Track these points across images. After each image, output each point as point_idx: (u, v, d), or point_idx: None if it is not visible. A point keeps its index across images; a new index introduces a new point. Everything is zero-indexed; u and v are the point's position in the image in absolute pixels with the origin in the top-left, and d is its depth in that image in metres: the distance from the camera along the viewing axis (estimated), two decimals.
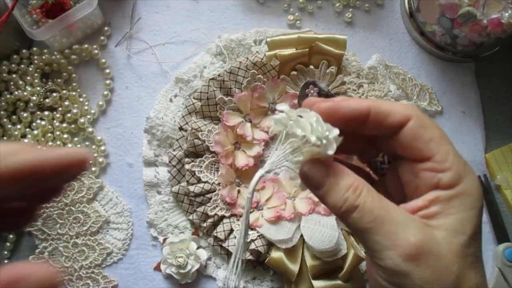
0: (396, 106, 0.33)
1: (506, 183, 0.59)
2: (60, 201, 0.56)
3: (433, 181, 0.32)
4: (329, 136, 0.30)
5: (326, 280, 0.53)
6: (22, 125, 0.58)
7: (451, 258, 0.30)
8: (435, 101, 0.61)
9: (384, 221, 0.30)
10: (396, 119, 0.33)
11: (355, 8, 0.64)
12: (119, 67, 0.62)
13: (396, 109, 0.33)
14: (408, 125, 0.33)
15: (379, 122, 0.33)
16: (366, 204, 0.31)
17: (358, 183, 0.32)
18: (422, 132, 0.32)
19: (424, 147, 0.33)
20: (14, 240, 0.57)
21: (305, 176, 0.33)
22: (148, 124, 0.58)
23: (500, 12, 0.52)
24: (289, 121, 0.32)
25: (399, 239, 0.30)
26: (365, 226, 0.31)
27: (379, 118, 0.33)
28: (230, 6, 0.63)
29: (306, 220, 0.54)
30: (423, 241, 0.30)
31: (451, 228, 0.31)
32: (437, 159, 0.32)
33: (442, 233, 0.31)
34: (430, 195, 0.32)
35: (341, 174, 0.32)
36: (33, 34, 0.55)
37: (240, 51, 0.61)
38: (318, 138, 0.30)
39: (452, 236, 0.31)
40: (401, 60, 0.63)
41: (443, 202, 0.32)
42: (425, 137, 0.32)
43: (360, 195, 0.31)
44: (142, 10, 0.63)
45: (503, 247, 0.57)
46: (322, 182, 0.32)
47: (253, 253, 0.54)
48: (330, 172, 0.32)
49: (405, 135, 0.33)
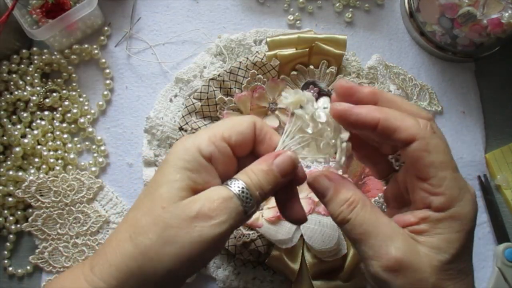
0: (405, 123, 0.35)
1: (506, 183, 0.59)
2: (60, 201, 0.56)
3: (426, 201, 0.35)
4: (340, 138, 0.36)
5: (326, 280, 0.53)
6: (22, 125, 0.59)
7: (429, 271, 0.33)
8: (435, 101, 0.61)
9: (371, 235, 0.35)
10: (401, 138, 0.35)
11: (355, 8, 0.64)
12: (119, 67, 0.62)
13: (404, 126, 0.34)
14: (411, 146, 0.34)
15: (386, 136, 0.35)
16: (357, 218, 0.35)
17: (354, 198, 0.36)
18: (424, 156, 0.34)
19: (422, 170, 0.35)
20: (14, 240, 0.57)
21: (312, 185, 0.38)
22: (148, 124, 0.58)
23: (500, 12, 0.52)
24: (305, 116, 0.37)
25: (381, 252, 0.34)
26: (354, 237, 0.36)
27: (386, 132, 0.35)
28: (230, 6, 0.63)
29: None
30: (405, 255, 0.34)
31: (436, 246, 0.34)
32: (432, 183, 0.34)
33: (426, 249, 0.34)
34: (422, 213, 0.35)
35: (341, 189, 0.37)
36: (33, 34, 0.55)
37: (240, 51, 0.61)
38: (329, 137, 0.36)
39: (434, 253, 0.34)
40: (401, 60, 0.63)
41: (431, 222, 0.35)
42: (425, 161, 0.34)
43: (353, 210, 0.35)
44: (142, 10, 0.63)
45: (503, 247, 0.57)
46: (324, 193, 0.38)
47: (253, 253, 0.54)
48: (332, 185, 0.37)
49: (408, 153, 0.35)
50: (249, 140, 0.39)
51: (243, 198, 0.36)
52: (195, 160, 0.37)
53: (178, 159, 0.37)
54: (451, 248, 0.34)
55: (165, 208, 0.35)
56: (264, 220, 0.54)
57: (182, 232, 0.34)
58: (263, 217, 0.54)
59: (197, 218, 0.35)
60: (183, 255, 0.34)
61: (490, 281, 0.57)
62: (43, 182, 0.56)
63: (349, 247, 0.54)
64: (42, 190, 0.56)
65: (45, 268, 0.56)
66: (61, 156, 0.59)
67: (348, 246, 0.54)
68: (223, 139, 0.38)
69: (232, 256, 0.55)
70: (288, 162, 0.38)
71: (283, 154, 0.38)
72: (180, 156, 0.37)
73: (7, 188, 0.57)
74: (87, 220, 0.57)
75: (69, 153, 0.59)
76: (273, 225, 0.53)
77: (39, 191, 0.56)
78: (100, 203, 0.58)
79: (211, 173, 0.37)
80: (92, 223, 0.57)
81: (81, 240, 0.57)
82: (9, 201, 0.56)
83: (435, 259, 0.34)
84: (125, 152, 0.60)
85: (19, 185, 0.56)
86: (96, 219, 0.57)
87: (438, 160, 0.34)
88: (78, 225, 0.57)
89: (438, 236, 0.34)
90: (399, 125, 0.34)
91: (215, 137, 0.38)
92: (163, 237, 0.34)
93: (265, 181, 0.37)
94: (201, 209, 0.35)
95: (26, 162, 0.58)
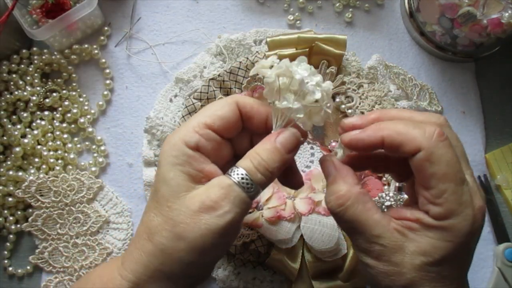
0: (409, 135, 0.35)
1: (506, 183, 0.59)
2: (60, 201, 0.56)
3: (425, 207, 0.36)
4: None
5: (326, 280, 0.53)
6: (22, 125, 0.59)
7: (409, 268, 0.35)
8: (435, 101, 0.61)
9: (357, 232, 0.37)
10: (407, 150, 0.35)
11: (355, 8, 0.64)
12: (119, 67, 0.62)
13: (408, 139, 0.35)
14: (416, 156, 0.35)
15: (393, 151, 0.36)
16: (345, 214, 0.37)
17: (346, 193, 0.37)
18: (427, 167, 0.34)
19: (424, 180, 0.35)
20: (14, 240, 0.57)
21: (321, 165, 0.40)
22: (148, 124, 0.58)
23: (500, 12, 0.52)
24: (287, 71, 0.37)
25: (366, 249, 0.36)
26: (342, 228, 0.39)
27: (392, 147, 0.36)
28: (230, 6, 0.63)
29: (306, 220, 0.54)
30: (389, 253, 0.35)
31: (422, 248, 0.35)
32: (432, 193, 0.35)
33: (412, 247, 0.35)
34: (419, 214, 0.36)
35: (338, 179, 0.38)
36: (33, 34, 0.55)
37: (240, 51, 0.61)
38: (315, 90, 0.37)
39: (419, 254, 0.35)
40: (401, 60, 0.63)
41: (425, 226, 0.35)
42: (428, 172, 0.34)
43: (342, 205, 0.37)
44: (142, 10, 0.63)
45: (503, 247, 0.57)
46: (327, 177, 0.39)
47: (253, 253, 0.54)
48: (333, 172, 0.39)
49: (413, 162, 0.35)
50: (234, 121, 0.40)
51: (244, 185, 0.37)
52: (183, 154, 0.38)
53: (168, 156, 0.38)
54: (435, 254, 0.35)
55: (170, 206, 0.37)
56: (264, 220, 0.54)
57: (190, 227, 0.36)
58: (263, 217, 0.54)
59: (201, 211, 0.36)
60: (196, 248, 0.36)
61: (490, 281, 0.57)
62: (43, 182, 0.56)
63: (349, 247, 0.54)
64: (42, 190, 0.56)
65: (45, 268, 0.56)
66: (61, 156, 0.59)
67: (348, 246, 0.54)
68: (206, 126, 0.39)
69: (232, 256, 0.55)
70: (291, 138, 0.38)
71: (285, 130, 0.38)
72: (169, 153, 0.38)
73: (7, 188, 0.57)
74: (87, 220, 0.57)
75: (69, 153, 0.59)
76: (273, 225, 0.53)
77: (39, 191, 0.56)
78: (100, 203, 0.58)
79: (203, 160, 0.38)
80: (92, 223, 0.57)
81: (81, 240, 0.56)
82: (9, 201, 0.56)
83: (418, 259, 0.35)
84: (125, 152, 0.60)
85: (19, 185, 0.56)
86: (96, 219, 0.57)
87: (441, 172, 0.34)
88: (78, 225, 0.57)
89: (426, 239, 0.35)
90: (403, 139, 0.35)
91: (198, 127, 0.39)
92: (174, 233, 0.36)
93: (271, 160, 0.37)
94: (204, 202, 0.36)
95: (26, 162, 0.58)
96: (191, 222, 0.36)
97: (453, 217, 0.34)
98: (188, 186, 0.37)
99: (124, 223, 0.58)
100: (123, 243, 0.57)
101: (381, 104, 0.59)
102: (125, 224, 0.58)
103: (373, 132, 0.37)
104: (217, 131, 0.39)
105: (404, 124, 0.36)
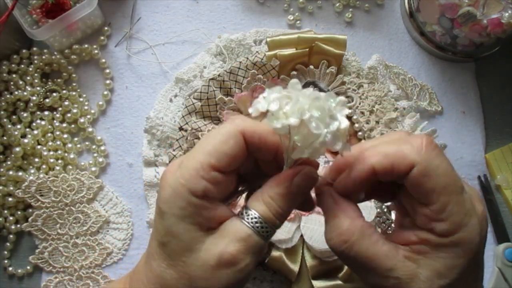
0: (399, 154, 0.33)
1: (506, 183, 0.59)
2: (60, 201, 0.56)
3: (427, 226, 0.33)
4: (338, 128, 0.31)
5: (326, 280, 0.53)
6: (22, 125, 0.59)
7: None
8: (435, 101, 0.61)
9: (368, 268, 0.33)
10: (402, 170, 0.32)
11: (355, 8, 0.64)
12: (119, 67, 0.62)
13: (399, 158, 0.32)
14: (410, 174, 0.32)
15: (388, 175, 0.33)
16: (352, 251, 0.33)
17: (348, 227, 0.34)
18: (424, 182, 0.32)
19: (423, 196, 0.33)
20: (14, 240, 0.57)
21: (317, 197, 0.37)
22: (148, 124, 0.58)
23: (500, 12, 0.52)
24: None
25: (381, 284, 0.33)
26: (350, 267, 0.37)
27: (386, 172, 0.33)
28: (230, 6, 0.63)
29: (306, 220, 0.54)
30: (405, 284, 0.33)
31: (436, 270, 0.33)
32: (433, 209, 0.32)
33: (426, 272, 0.33)
34: (424, 234, 0.33)
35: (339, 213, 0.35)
36: (33, 34, 0.55)
37: (240, 51, 0.61)
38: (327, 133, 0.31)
39: (435, 277, 0.32)
40: (401, 60, 0.63)
41: (435, 247, 0.33)
42: (426, 186, 0.32)
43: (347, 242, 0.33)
44: (142, 10, 0.63)
45: (503, 247, 0.57)
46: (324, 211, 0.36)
47: None
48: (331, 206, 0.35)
49: (408, 181, 0.33)
50: (241, 155, 0.35)
51: (262, 232, 0.34)
52: (190, 204, 0.34)
53: (173, 207, 0.34)
54: (452, 274, 0.33)
55: (185, 261, 0.34)
56: None
57: (210, 282, 0.34)
58: None
59: (220, 266, 0.33)
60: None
61: (490, 281, 0.57)
62: (43, 182, 0.56)
63: None
64: (42, 190, 0.56)
65: (45, 268, 0.56)
66: (61, 156, 0.59)
67: None
68: (212, 168, 0.34)
69: None
70: (310, 180, 0.35)
71: (302, 172, 0.35)
72: (173, 204, 0.34)
73: (7, 188, 0.57)
74: (87, 220, 0.57)
75: (69, 153, 0.59)
76: None
77: (39, 191, 0.56)
78: (100, 203, 0.58)
79: (212, 206, 0.35)
80: (92, 223, 0.57)
81: (81, 240, 0.57)
82: (9, 201, 0.56)
83: (435, 282, 0.33)
84: (125, 152, 0.60)
85: (19, 185, 0.56)
86: (96, 219, 0.57)
87: (440, 185, 0.32)
88: (78, 225, 0.57)
89: (439, 260, 0.33)
90: (393, 161, 0.33)
91: (203, 170, 0.34)
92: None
93: (285, 205, 0.35)
94: (222, 256, 0.33)
95: (26, 162, 0.58)
96: (211, 278, 0.33)
97: (461, 229, 0.32)
98: (201, 236, 0.34)
99: (124, 223, 0.58)
100: (123, 243, 0.57)
101: (381, 104, 0.59)
102: (125, 224, 0.58)
103: (361, 165, 0.34)
104: (223, 170, 0.35)
105: (387, 143, 0.34)
